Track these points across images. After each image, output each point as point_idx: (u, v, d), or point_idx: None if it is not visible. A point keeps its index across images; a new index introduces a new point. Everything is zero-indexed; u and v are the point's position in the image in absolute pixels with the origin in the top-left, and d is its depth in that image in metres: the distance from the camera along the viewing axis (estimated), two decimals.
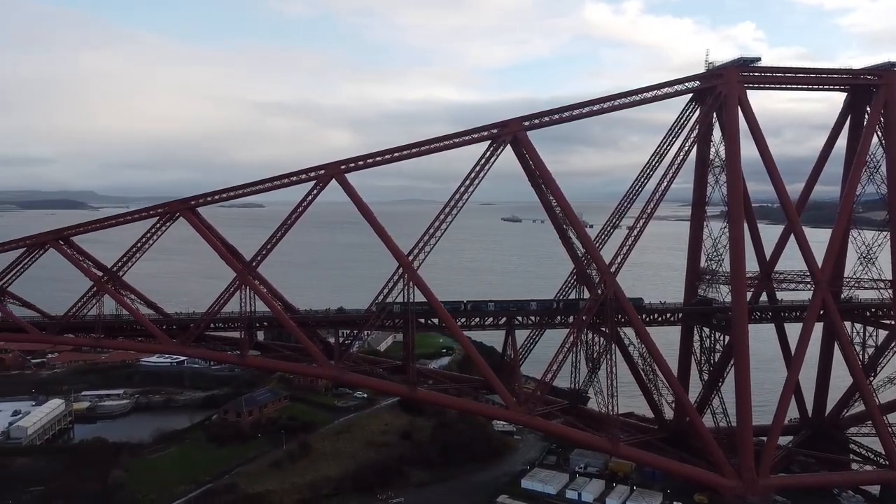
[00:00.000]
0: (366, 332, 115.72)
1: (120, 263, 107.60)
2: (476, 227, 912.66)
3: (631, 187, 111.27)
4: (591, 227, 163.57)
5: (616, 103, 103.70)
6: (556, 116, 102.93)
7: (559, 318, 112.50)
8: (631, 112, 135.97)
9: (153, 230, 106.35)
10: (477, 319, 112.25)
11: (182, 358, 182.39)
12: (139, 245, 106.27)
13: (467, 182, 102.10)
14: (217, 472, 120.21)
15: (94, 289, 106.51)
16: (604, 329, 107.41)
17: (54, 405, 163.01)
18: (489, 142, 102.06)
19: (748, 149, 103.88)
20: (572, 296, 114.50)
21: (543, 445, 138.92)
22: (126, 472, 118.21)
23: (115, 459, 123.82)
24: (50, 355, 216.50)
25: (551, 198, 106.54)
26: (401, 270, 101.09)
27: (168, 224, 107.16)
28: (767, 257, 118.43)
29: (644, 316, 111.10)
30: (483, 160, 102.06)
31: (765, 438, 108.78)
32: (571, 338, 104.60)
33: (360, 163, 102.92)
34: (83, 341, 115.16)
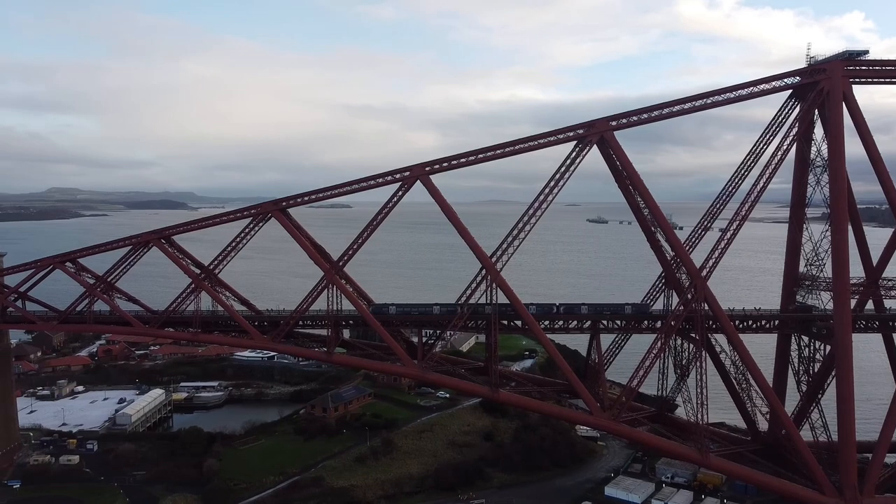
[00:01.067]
0: (449, 333, 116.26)
1: (216, 262, 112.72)
2: (561, 228, 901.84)
3: (724, 188, 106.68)
4: (681, 229, 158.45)
5: (709, 101, 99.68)
6: (646, 116, 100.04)
7: (646, 322, 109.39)
8: (725, 109, 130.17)
9: (247, 230, 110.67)
10: (561, 322, 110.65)
11: (272, 353, 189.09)
12: (234, 244, 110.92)
13: (552, 183, 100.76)
14: (304, 464, 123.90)
15: (193, 286, 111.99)
16: (694, 335, 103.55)
17: (155, 395, 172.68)
18: (575, 142, 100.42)
19: (853, 146, 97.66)
20: (660, 300, 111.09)
21: (628, 453, 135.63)
22: (219, 461, 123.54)
23: (209, 448, 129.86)
24: (152, 348, 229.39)
25: (639, 199, 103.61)
26: (484, 271, 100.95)
27: (260, 224, 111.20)
28: (874, 262, 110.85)
29: (737, 323, 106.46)
30: (568, 161, 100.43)
31: (869, 456, 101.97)
32: (659, 344, 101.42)
33: (445, 164, 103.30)
34: (182, 335, 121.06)
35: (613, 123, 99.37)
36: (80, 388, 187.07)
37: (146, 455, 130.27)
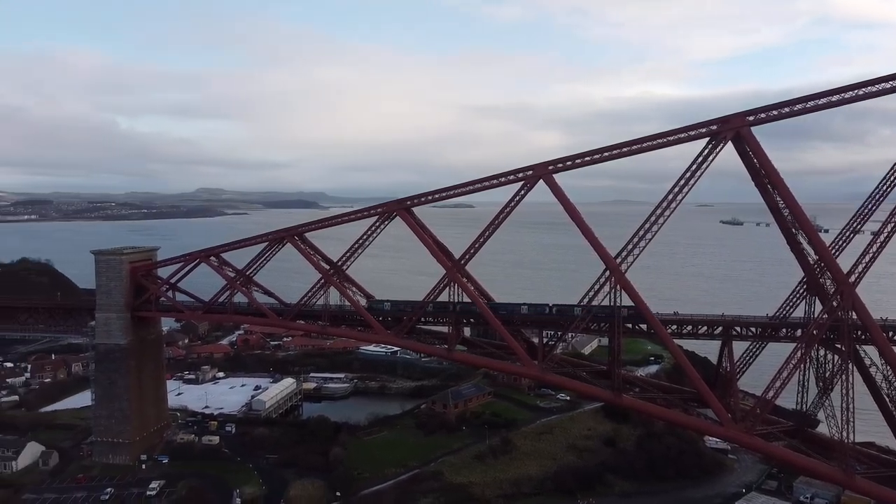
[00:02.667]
0: (570, 334, 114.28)
1: (344, 258, 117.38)
2: (692, 230, 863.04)
3: (878, 186, 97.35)
4: (827, 231, 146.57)
5: (861, 92, 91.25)
6: (787, 110, 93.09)
7: (785, 330, 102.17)
8: (885, 101, 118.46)
9: (373, 228, 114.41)
10: (689, 328, 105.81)
11: (395, 348, 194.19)
12: (361, 241, 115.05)
13: (682, 182, 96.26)
14: (424, 458, 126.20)
15: (322, 281, 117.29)
16: (839, 346, 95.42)
17: (287, 384, 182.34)
18: (707, 139, 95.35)
19: None
20: (800, 308, 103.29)
21: (762, 469, 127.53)
22: (344, 450, 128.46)
23: (335, 437, 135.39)
24: (285, 339, 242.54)
25: (778, 199, 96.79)
26: (607, 273, 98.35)
27: (386, 223, 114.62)
28: None
29: (891, 334, 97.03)
30: (700, 158, 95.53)
31: None
32: (799, 354, 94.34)
33: (569, 163, 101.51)
34: (312, 328, 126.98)
35: (750, 118, 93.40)
36: (221, 374, 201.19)
37: (278, 440, 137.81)
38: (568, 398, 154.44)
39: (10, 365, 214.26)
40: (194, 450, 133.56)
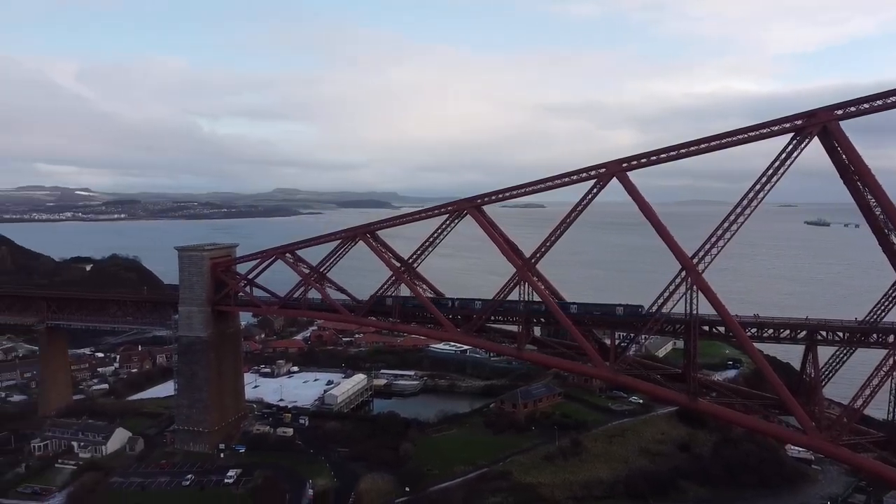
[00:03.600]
0: (643, 336, 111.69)
1: (415, 256, 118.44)
2: (774, 231, 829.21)
3: None
4: None
5: None
6: (880, 102, 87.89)
7: (875, 336, 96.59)
8: None
9: (443, 226, 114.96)
10: (771, 331, 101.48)
11: (465, 347, 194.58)
12: (431, 240, 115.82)
13: (763, 180, 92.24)
14: (492, 457, 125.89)
15: (393, 278, 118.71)
16: None
17: (358, 379, 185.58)
18: (791, 134, 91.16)
19: None
20: (894, 312, 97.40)
21: (849, 481, 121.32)
22: (414, 446, 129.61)
23: (405, 433, 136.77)
24: (357, 335, 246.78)
25: (870, 197, 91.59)
26: (683, 273, 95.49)
27: (456, 221, 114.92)
28: None
29: None
30: (784, 155, 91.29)
31: None
32: (891, 361, 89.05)
33: (643, 160, 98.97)
34: (383, 324, 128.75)
35: (839, 112, 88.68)
36: (295, 368, 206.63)
37: (349, 434, 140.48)
38: (641, 401, 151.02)
39: (100, 355, 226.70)
40: (269, 441, 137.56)
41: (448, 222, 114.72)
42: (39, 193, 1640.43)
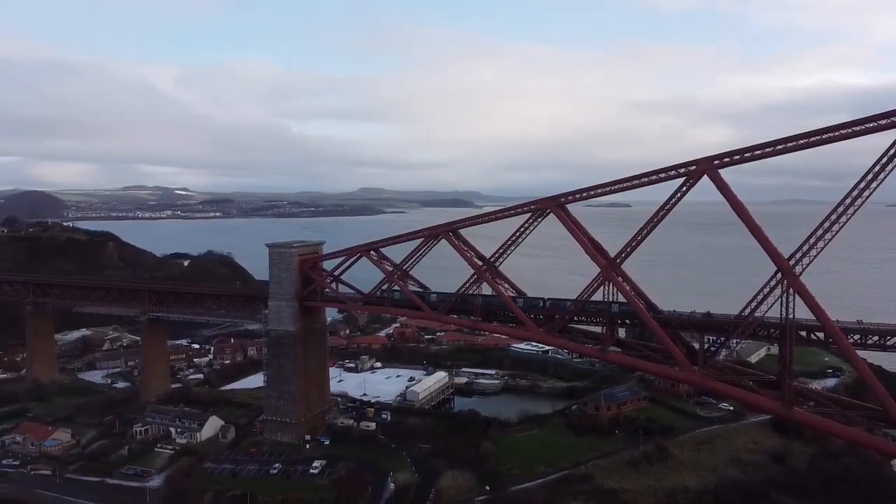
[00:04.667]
0: (734, 340, 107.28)
1: (497, 255, 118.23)
2: (882, 232, 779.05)
3: None
4: None
5: None
6: None
7: None
8: None
9: (525, 225, 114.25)
10: (876, 338, 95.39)
11: (547, 347, 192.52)
12: (513, 238, 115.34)
13: (869, 177, 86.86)
14: (574, 460, 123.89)
15: (475, 276, 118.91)
16: None
17: (440, 377, 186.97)
18: None
19: None
20: None
21: None
22: (494, 445, 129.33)
23: (485, 431, 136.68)
24: (439, 333, 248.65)
25: None
26: (779, 276, 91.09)
27: (539, 220, 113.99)
28: None
29: None
30: (893, 151, 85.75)
31: None
32: None
33: (736, 157, 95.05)
34: (464, 322, 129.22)
35: None
36: (378, 364, 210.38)
37: (430, 430, 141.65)
38: (731, 408, 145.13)
39: (196, 346, 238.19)
40: (353, 434, 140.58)
41: (531, 221, 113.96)
42: (143, 193, 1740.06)
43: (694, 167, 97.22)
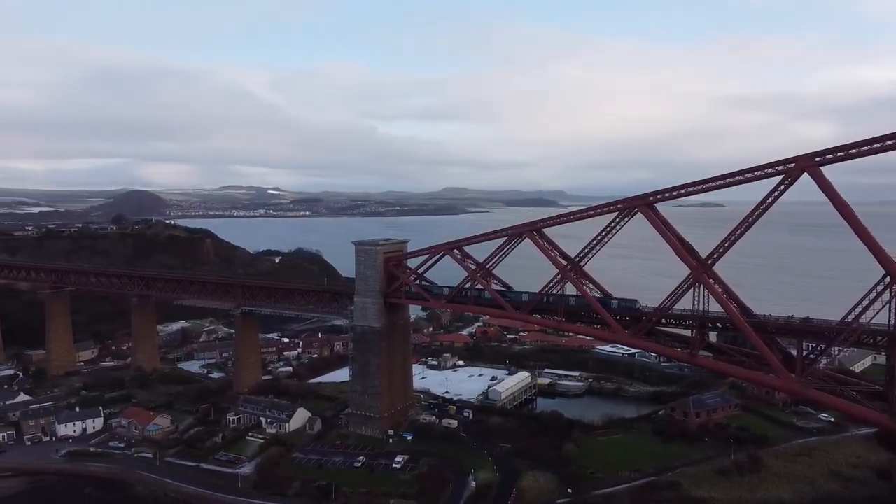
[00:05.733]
0: (836, 348, 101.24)
1: (581, 254, 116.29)
2: None
3: None
4: None
5: None
6: None
7: None
8: None
9: (612, 225, 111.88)
10: None
11: (633, 350, 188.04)
12: (599, 238, 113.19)
13: None
14: (660, 466, 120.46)
15: (559, 276, 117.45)
16: None
17: (522, 377, 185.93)
18: None
19: None
20: None
21: None
22: (577, 447, 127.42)
23: (568, 434, 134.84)
24: (521, 333, 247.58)
25: None
26: (887, 280, 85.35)
27: (626, 219, 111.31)
28: None
29: None
30: None
31: None
32: None
33: (840, 153, 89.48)
34: (548, 323, 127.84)
35: None
36: (461, 362, 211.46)
37: (512, 430, 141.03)
38: (832, 420, 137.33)
39: (286, 340, 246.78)
40: (434, 431, 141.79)
41: (617, 220, 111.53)
42: (238, 192, 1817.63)
43: (793, 164, 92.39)
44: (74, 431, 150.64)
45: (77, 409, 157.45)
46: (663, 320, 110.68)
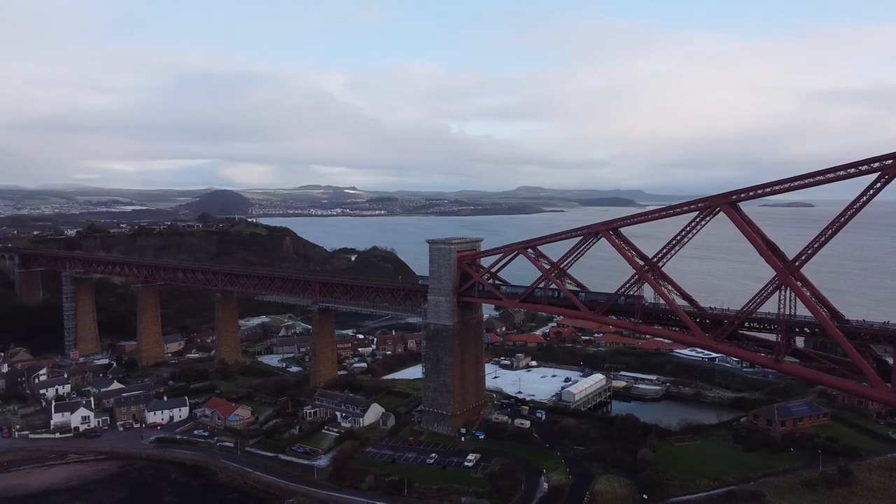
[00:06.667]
0: None
1: (660, 255, 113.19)
2: None
3: None
4: None
5: None
6: None
7: None
8: None
9: (692, 224, 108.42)
10: None
11: (714, 354, 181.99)
12: (678, 238, 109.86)
13: None
14: (742, 475, 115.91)
15: (636, 276, 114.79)
16: None
17: (596, 379, 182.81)
18: None
19: None
20: None
21: None
22: (653, 453, 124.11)
23: (644, 438, 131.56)
24: (596, 335, 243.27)
25: None
26: None
27: (707, 219, 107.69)
28: None
29: None
30: None
31: None
32: None
33: None
34: (624, 324, 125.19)
35: None
36: (534, 363, 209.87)
37: (585, 433, 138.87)
38: None
39: (360, 337, 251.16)
40: (507, 430, 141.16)
41: (698, 220, 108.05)
42: (316, 192, 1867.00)
43: (890, 161, 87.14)
44: (162, 419, 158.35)
45: (165, 399, 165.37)
46: (746, 324, 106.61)
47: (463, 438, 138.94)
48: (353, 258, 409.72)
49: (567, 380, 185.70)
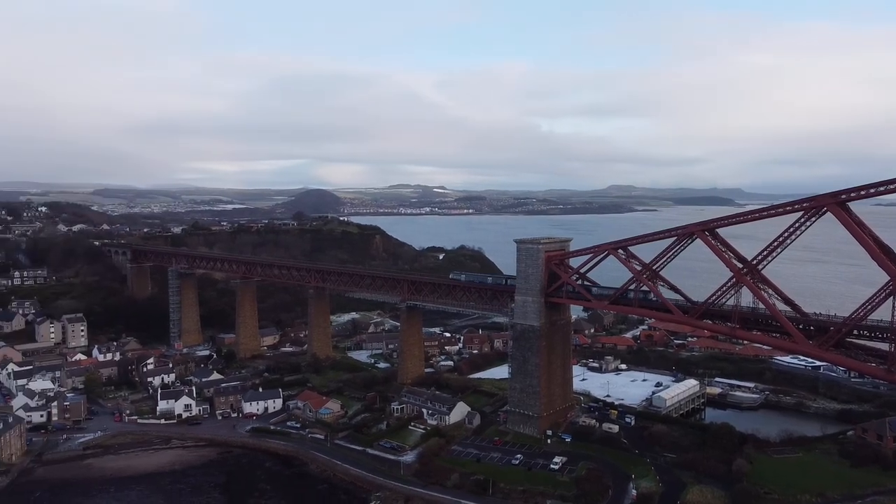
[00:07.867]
0: None
1: (760, 257, 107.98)
2: None
3: None
4: None
5: None
6: None
7: None
8: None
9: (795, 225, 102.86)
10: None
11: (818, 363, 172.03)
12: (781, 239, 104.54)
13: None
14: (848, 492, 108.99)
15: (734, 279, 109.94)
16: None
17: (690, 385, 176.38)
18: None
19: None
20: None
21: None
22: (749, 464, 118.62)
23: (740, 448, 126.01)
24: (690, 339, 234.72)
25: None
26: None
27: (812, 220, 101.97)
28: None
29: None
30: None
31: None
32: None
33: None
34: (720, 329, 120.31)
35: None
36: (623, 366, 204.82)
37: (677, 440, 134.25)
38: None
39: (447, 335, 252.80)
40: (594, 434, 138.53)
41: (802, 221, 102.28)
42: (405, 191, 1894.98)
43: None
44: (257, 410, 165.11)
45: (260, 390, 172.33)
46: (855, 331, 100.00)
47: (549, 440, 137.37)
48: (440, 257, 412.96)
49: (658, 384, 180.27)
